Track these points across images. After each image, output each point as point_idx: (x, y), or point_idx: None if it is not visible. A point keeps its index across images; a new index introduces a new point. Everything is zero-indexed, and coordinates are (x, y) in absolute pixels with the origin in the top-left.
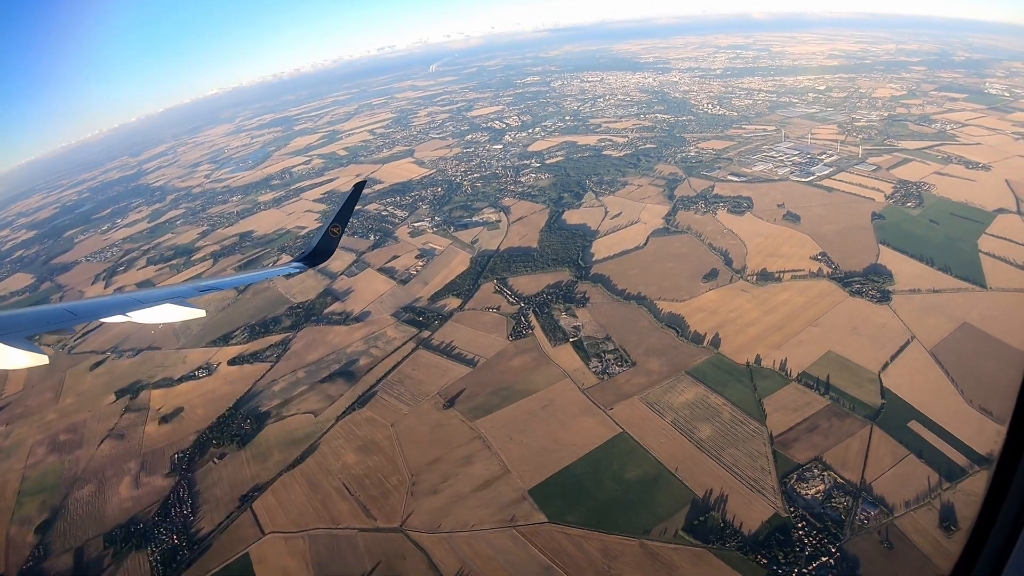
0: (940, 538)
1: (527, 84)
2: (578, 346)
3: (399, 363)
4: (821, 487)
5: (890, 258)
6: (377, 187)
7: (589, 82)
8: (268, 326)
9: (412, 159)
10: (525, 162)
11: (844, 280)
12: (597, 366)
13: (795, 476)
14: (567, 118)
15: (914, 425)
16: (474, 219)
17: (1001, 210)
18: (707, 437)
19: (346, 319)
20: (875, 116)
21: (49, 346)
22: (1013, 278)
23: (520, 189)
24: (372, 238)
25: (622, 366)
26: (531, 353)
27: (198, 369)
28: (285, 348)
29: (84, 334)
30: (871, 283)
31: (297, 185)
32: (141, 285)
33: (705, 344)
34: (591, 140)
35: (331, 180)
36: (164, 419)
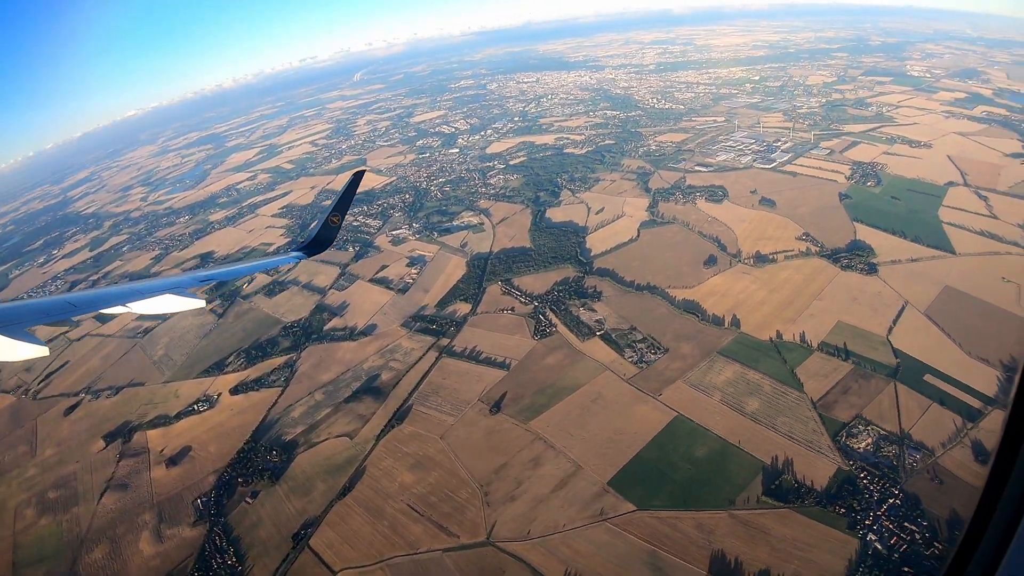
0: (979, 469)
1: (462, 88)
2: (607, 339)
3: (426, 373)
4: (869, 440)
5: (866, 233)
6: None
7: (526, 83)
8: (264, 349)
9: (367, 167)
10: (488, 164)
11: (832, 256)
12: (632, 356)
13: (844, 433)
14: (516, 119)
15: (929, 378)
16: (455, 223)
17: (951, 183)
18: (757, 409)
19: (352, 334)
20: (814, 103)
21: (8, 392)
22: (976, 243)
23: (492, 191)
24: (351, 249)
25: (656, 353)
26: (562, 350)
27: (196, 403)
28: (292, 370)
29: (47, 375)
30: (857, 257)
31: (249, 201)
32: (101, 316)
33: (727, 325)
34: (548, 139)
35: (285, 194)
36: (171, 461)
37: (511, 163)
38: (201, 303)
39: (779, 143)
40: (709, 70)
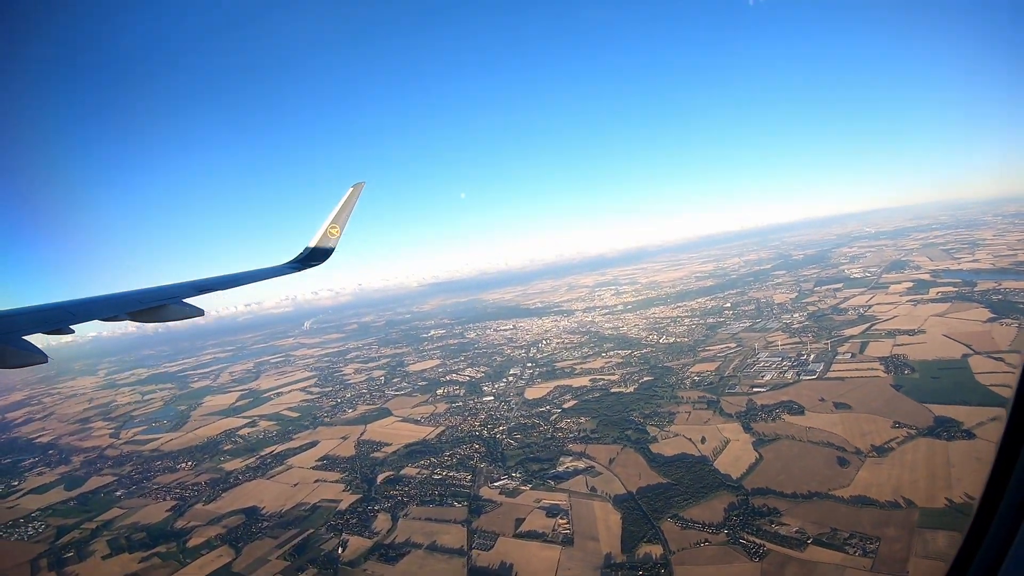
0: None
1: (439, 337)
2: (819, 543)
3: None
4: None
5: (940, 410)
6: (388, 450)
7: (504, 331)
8: None
9: (396, 418)
10: (542, 410)
11: (933, 433)
12: (855, 550)
13: None
14: (528, 365)
15: None
16: (560, 470)
17: (965, 355)
18: None
19: None
20: (799, 317)
21: None
22: None
23: (571, 435)
24: (456, 504)
25: (872, 543)
26: (792, 563)
27: None
28: None
29: None
30: (951, 428)
31: (267, 451)
32: None
33: (904, 506)
34: (583, 382)
35: (311, 444)
36: None
37: (564, 407)
38: (201, 310)
39: (803, 356)
40: (679, 304)
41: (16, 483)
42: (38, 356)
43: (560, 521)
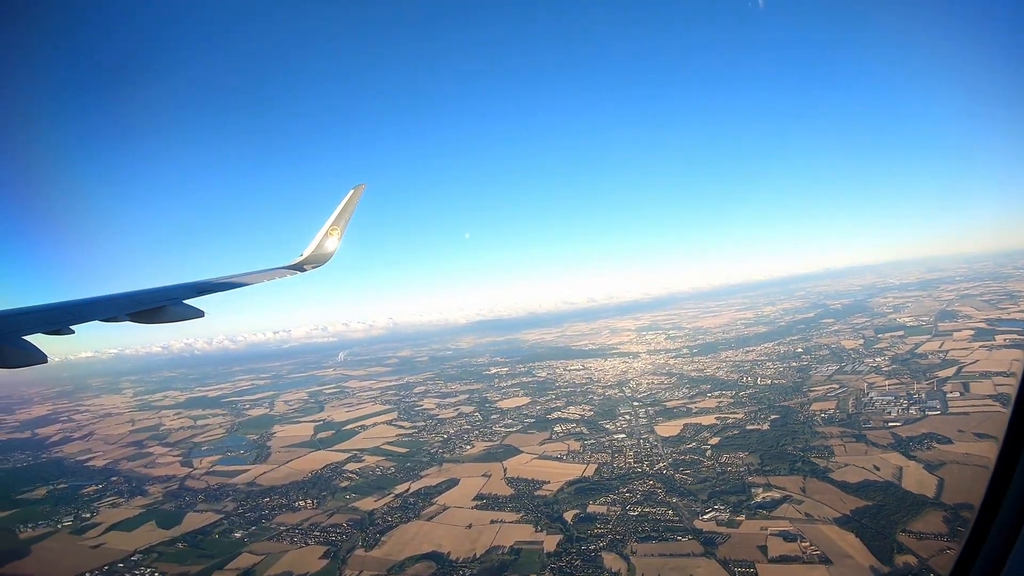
0: None
1: (506, 375)
2: None
3: None
4: None
5: None
6: (551, 488)
7: (574, 370)
8: None
9: (530, 455)
10: (689, 446)
11: None
12: None
13: None
14: (634, 404)
15: None
16: (759, 500)
17: None
18: None
19: None
20: (883, 361)
21: None
22: None
23: (742, 468)
24: (681, 539)
25: None
26: None
27: None
28: None
29: None
30: None
31: (397, 489)
32: None
33: None
34: (710, 420)
35: (452, 482)
36: None
37: (710, 443)
38: (202, 312)
39: (916, 395)
40: (747, 348)
41: (88, 516)
42: (37, 356)
43: (803, 544)
